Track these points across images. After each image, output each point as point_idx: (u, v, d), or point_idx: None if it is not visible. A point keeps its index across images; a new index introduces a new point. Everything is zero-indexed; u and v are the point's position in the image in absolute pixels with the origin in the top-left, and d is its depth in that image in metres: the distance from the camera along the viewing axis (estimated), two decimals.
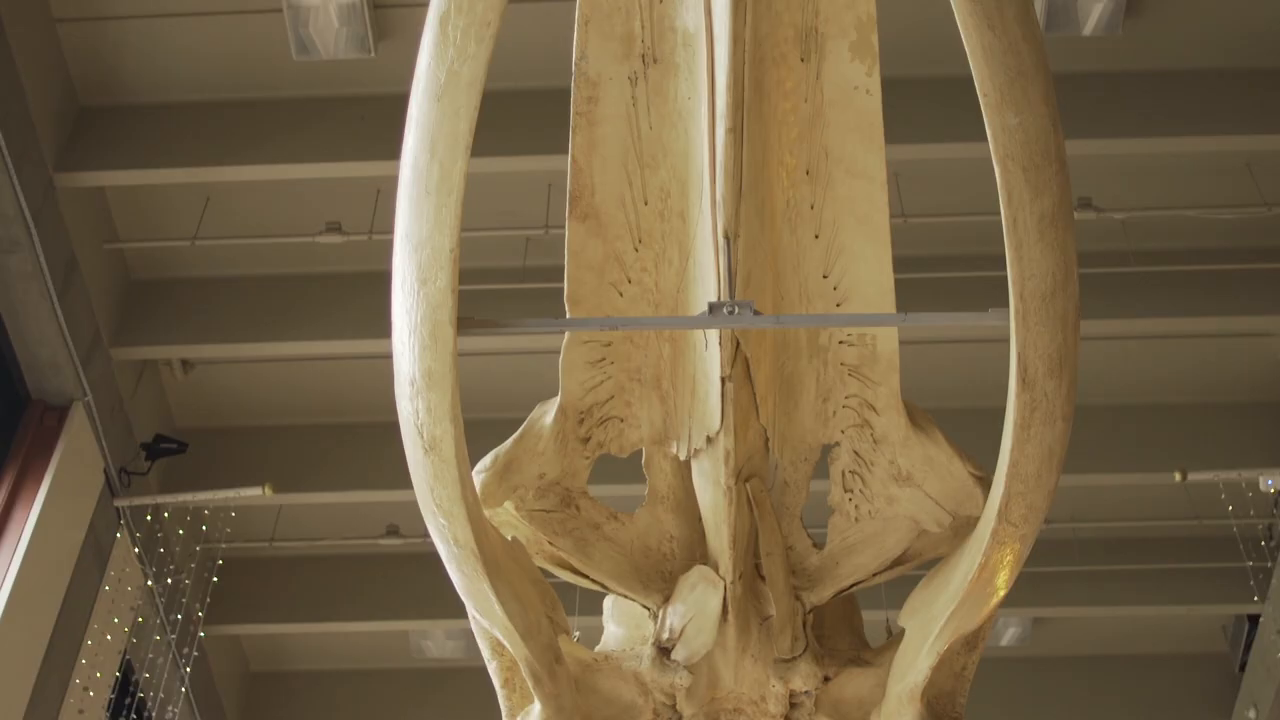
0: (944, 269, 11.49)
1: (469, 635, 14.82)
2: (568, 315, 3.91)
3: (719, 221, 3.47)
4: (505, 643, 4.09)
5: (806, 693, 4.43)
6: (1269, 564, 13.21)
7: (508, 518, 4.22)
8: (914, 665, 4.15)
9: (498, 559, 3.86)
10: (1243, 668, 14.65)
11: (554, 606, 4.21)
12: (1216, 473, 12.47)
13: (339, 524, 14.34)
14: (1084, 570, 14.11)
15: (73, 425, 11.25)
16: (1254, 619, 14.36)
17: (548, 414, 4.11)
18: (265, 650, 15.90)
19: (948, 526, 4.16)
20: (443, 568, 3.89)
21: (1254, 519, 12.89)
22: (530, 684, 4.18)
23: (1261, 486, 12.28)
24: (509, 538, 4.14)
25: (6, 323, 10.98)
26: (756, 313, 3.47)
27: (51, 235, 10.86)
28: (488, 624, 4.06)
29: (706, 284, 3.63)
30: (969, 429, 4.21)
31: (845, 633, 4.84)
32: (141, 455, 12.52)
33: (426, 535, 11.98)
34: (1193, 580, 14.29)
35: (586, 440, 4.14)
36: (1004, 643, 15.27)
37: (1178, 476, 12.19)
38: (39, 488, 10.82)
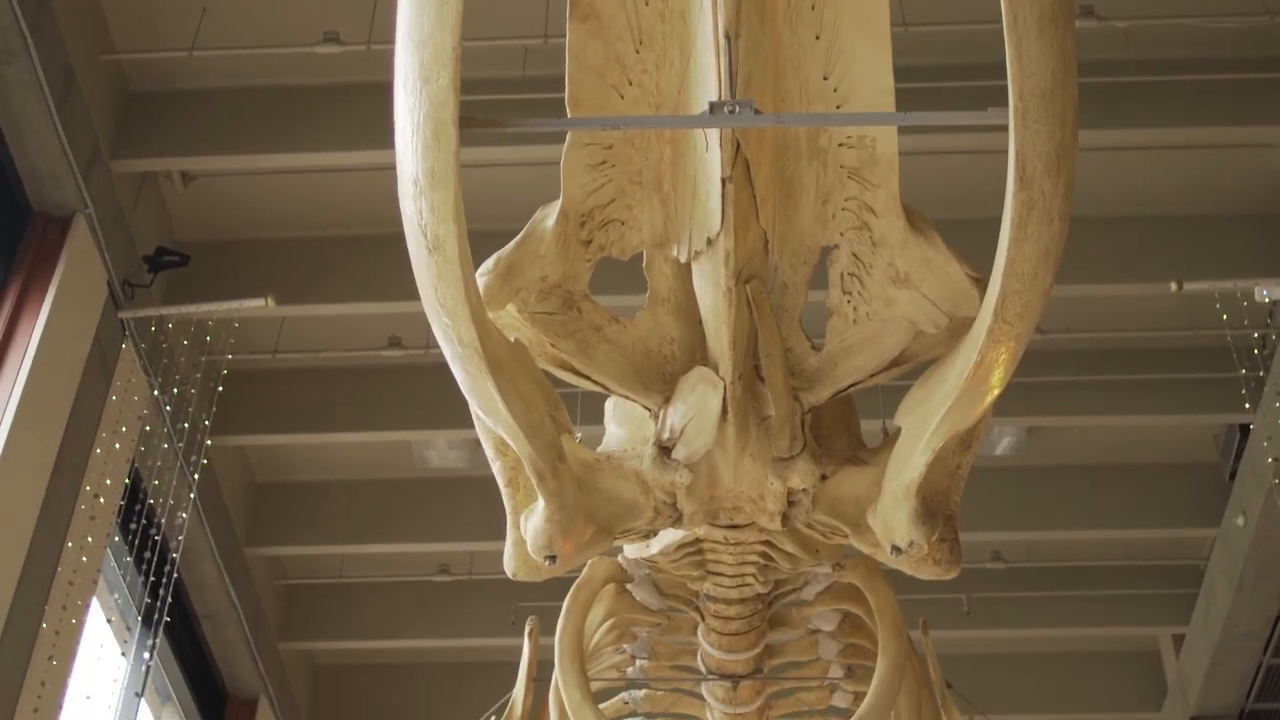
0: (944, 79, 11.42)
1: (471, 445, 15.08)
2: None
3: (720, 21, 3.46)
4: (509, 441, 4.15)
5: (804, 491, 4.52)
6: (1262, 373, 13.32)
7: (510, 320, 4.26)
8: (910, 462, 4.23)
9: (501, 358, 3.91)
10: (1233, 476, 14.87)
11: (556, 406, 4.26)
12: (1212, 283, 12.52)
13: (341, 336, 14.44)
14: (1078, 380, 14.25)
15: (75, 237, 11.27)
16: (1245, 429, 14.54)
17: (549, 217, 4.13)
18: (270, 461, 16.11)
19: (944, 328, 4.19)
20: (445, 378, 3.94)
21: (1248, 329, 12.97)
22: (534, 482, 4.26)
23: (1257, 297, 12.32)
24: (511, 339, 4.19)
25: (6, 134, 10.93)
26: (757, 112, 3.48)
27: (48, 45, 10.77)
28: (491, 423, 4.12)
29: (707, 85, 3.63)
30: (965, 238, 4.23)
31: (843, 434, 4.92)
32: (144, 268, 12.56)
33: (428, 347, 12.15)
34: (1186, 390, 14.45)
35: (588, 243, 4.16)
36: (998, 452, 15.48)
37: (1174, 287, 12.23)
38: (44, 299, 10.89)
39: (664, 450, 4.40)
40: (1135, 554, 16.76)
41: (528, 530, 4.45)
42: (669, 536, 4.99)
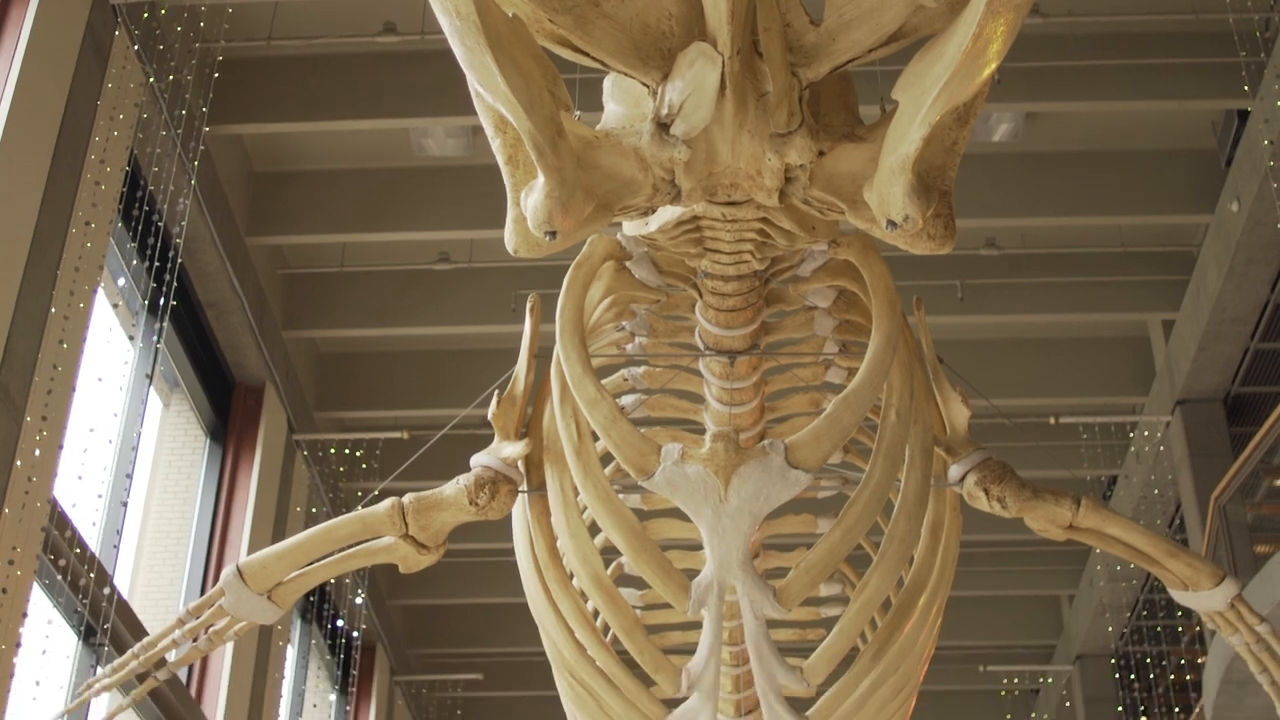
0: None
1: (469, 133, 15.07)
2: None
3: None
4: (508, 116, 4.17)
5: (801, 166, 4.56)
6: (1263, 56, 13.22)
7: None
8: (906, 137, 4.26)
9: (499, 32, 3.92)
10: (1229, 163, 14.89)
11: (555, 81, 4.27)
12: None
13: (336, 22, 14.26)
14: (1077, 65, 14.14)
15: None
16: (1243, 115, 14.49)
17: None
18: (268, 150, 16.09)
19: (943, 1, 4.18)
20: (441, 65, 3.96)
21: (1250, 12, 12.83)
22: (534, 157, 4.29)
23: None
24: (509, 15, 4.18)
25: None
26: None
27: None
28: (491, 98, 4.13)
29: None
30: None
31: (840, 110, 4.95)
32: None
33: (423, 32, 12.00)
34: (1186, 75, 14.36)
35: None
36: (996, 139, 15.46)
37: None
38: None
39: (662, 126, 4.41)
40: (1129, 240, 16.90)
41: (528, 206, 4.50)
42: (667, 214, 5.05)
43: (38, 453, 10.28)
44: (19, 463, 10.11)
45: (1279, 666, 6.24)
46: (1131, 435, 18.09)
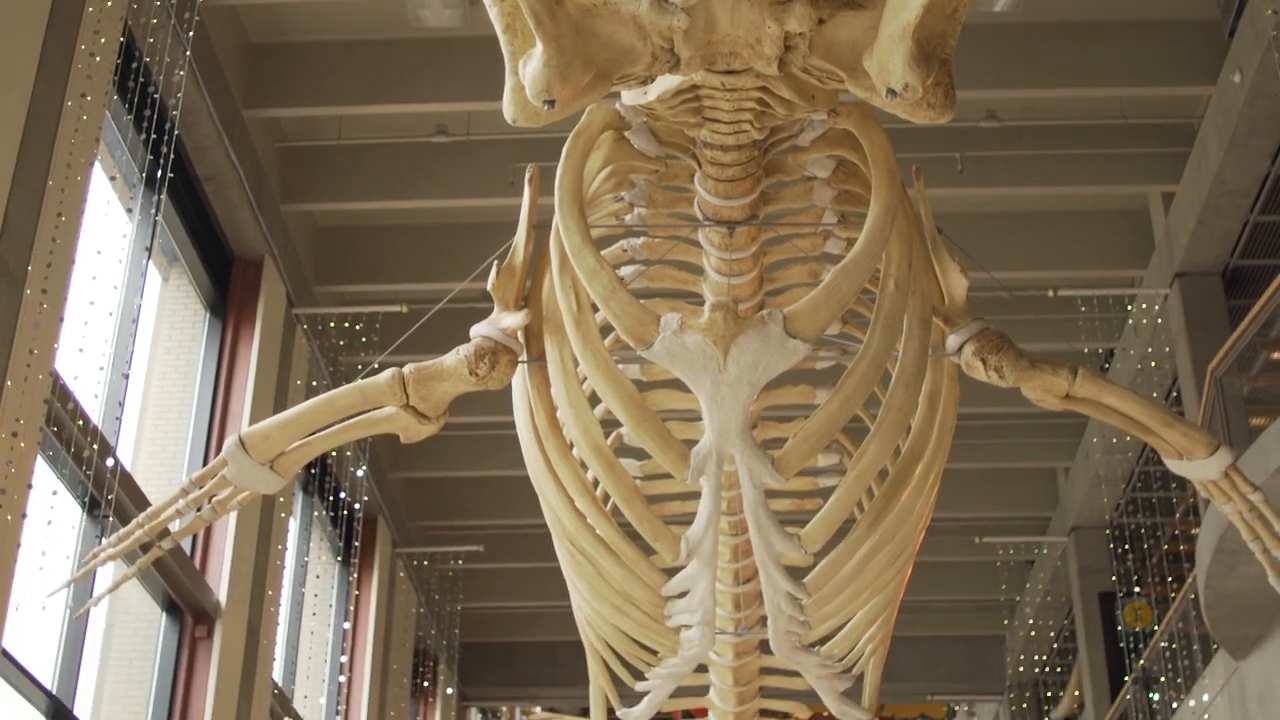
0: None
1: (465, 3, 14.90)
2: None
3: None
4: None
5: (800, 34, 4.54)
6: None
7: None
8: (907, 4, 4.24)
9: None
10: (1232, 34, 14.76)
11: None
12: None
13: None
14: None
15: None
16: None
17: None
18: (264, 21, 15.94)
19: None
20: None
21: None
22: (532, 25, 4.28)
23: None
24: None
25: None
26: None
27: None
28: None
29: None
30: None
31: None
32: None
33: None
34: None
35: None
36: (997, 9, 15.28)
37: None
38: None
39: None
40: (1130, 112, 16.81)
41: (526, 75, 4.49)
42: (666, 83, 5.03)
43: (38, 325, 10.31)
44: (20, 336, 10.14)
45: (1271, 535, 6.31)
46: (1130, 308, 18.12)
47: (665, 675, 7.07)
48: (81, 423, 11.41)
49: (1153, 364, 17.92)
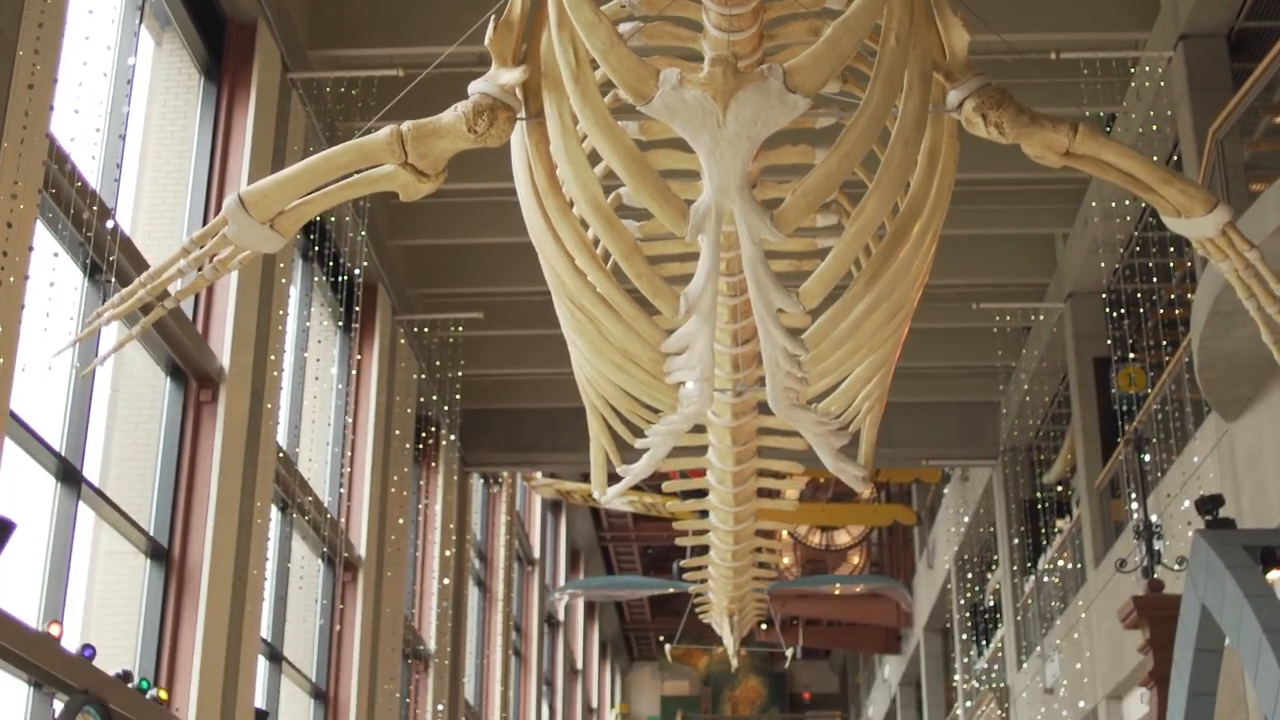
0: None
1: None
2: None
3: None
4: None
5: None
6: None
7: None
8: None
9: None
10: None
11: None
12: None
13: None
14: None
15: None
16: None
17: None
18: None
19: None
20: None
21: None
22: None
23: None
24: None
25: None
26: None
27: None
28: None
29: None
30: None
31: None
32: None
33: None
34: None
35: None
36: None
37: None
38: None
39: None
40: None
41: None
42: None
43: (32, 86, 10.21)
44: (14, 97, 10.06)
45: (1266, 293, 6.34)
46: (1133, 71, 17.90)
47: (664, 432, 7.19)
48: (79, 185, 11.38)
49: (1154, 128, 17.77)
